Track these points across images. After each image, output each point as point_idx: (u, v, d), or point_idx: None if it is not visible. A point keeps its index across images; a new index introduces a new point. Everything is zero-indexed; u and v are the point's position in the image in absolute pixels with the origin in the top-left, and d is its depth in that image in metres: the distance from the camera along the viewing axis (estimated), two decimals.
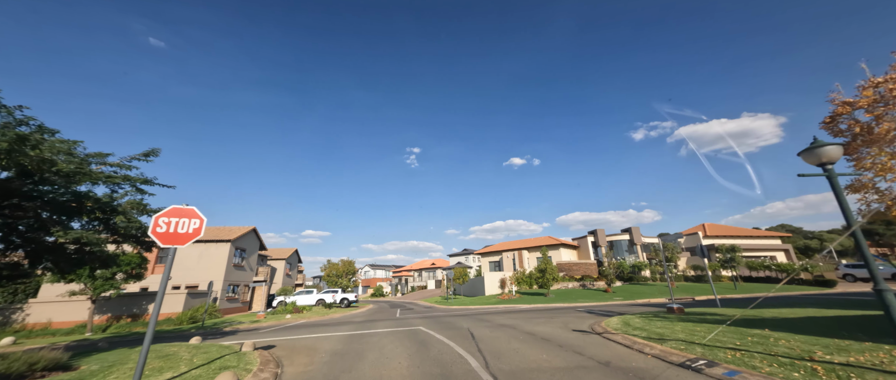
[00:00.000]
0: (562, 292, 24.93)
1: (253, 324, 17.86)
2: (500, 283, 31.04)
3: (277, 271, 40.62)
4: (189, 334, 15.26)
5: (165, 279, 5.05)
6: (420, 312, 20.85)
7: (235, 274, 25.87)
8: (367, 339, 9.39)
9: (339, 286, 43.83)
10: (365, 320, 16.56)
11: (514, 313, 16.32)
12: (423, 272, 79.29)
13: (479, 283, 32.58)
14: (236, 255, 26.45)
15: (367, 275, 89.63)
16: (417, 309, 23.71)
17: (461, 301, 26.95)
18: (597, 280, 28.38)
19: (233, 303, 25.91)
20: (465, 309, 20.47)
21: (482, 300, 25.32)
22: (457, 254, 77.01)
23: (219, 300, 23.60)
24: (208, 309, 20.85)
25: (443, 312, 19.66)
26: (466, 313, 17.42)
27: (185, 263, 24.03)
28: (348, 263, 45.03)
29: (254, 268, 29.40)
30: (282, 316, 20.13)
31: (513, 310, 18.11)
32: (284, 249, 44.57)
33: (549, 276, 23.64)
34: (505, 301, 22.81)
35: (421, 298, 46.72)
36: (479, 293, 31.90)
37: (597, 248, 33.77)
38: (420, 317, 16.73)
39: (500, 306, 21.02)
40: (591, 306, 18.43)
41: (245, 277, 27.57)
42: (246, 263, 28.00)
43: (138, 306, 19.28)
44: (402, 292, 70.22)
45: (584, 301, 20.36)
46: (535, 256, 35.51)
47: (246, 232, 27.38)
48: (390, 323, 14.29)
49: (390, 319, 16.67)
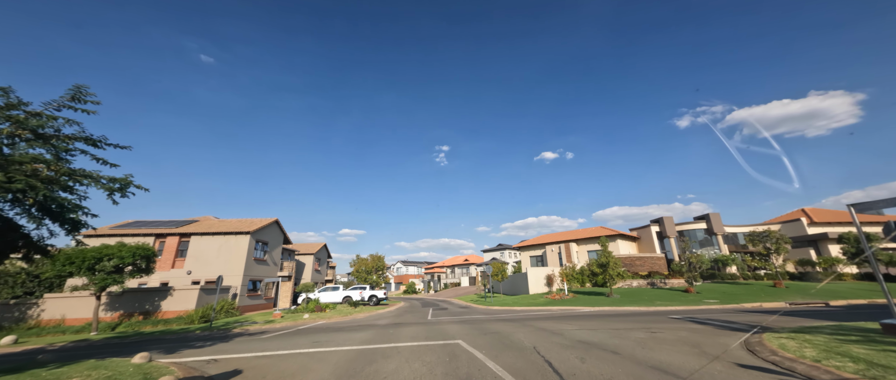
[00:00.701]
0: (627, 292, 20.68)
1: (266, 324, 15.72)
2: (547, 280, 27.14)
3: (306, 267, 39.53)
4: (192, 336, 13.27)
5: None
6: (455, 313, 17.76)
7: (256, 269, 24.36)
8: (380, 363, 6.33)
9: (368, 283, 42.06)
10: (389, 324, 13.74)
11: (579, 318, 12.66)
12: (457, 269, 76.56)
13: (520, 280, 28.90)
14: (257, 248, 24.94)
15: (400, 271, 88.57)
16: (452, 309, 20.65)
17: (502, 301, 23.52)
18: (669, 277, 23.61)
19: (255, 299, 24.43)
20: (510, 311, 17.06)
21: (527, 300, 21.72)
22: (491, 249, 73.32)
23: (238, 297, 22.07)
24: (225, 306, 19.19)
25: (483, 314, 16.39)
26: (514, 317, 14.01)
27: (204, 256, 22.79)
28: (378, 259, 43.08)
29: (278, 263, 27.95)
30: (299, 316, 17.94)
31: (574, 314, 14.41)
32: (312, 244, 43.53)
33: (611, 271, 19.51)
34: (556, 302, 19.08)
35: (454, 295, 43.80)
36: (521, 291, 28.25)
37: (663, 239, 28.69)
38: (456, 321, 13.61)
39: (554, 307, 17.35)
40: (681, 310, 14.25)
41: (267, 271, 26.08)
42: (269, 258, 26.51)
43: (151, 302, 17.97)
44: (435, 289, 67.90)
45: (663, 304, 16.14)
46: (586, 249, 31.10)
47: (267, 224, 25.84)
48: (419, 330, 11.27)
49: (420, 323, 13.70)
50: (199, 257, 22.81)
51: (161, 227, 23.96)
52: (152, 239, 22.97)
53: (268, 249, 26.33)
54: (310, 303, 22.53)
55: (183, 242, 23.30)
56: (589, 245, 31.00)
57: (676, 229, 27.88)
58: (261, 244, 25.60)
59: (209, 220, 27.01)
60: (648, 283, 23.20)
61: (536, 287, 26.71)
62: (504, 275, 29.32)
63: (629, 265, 26.35)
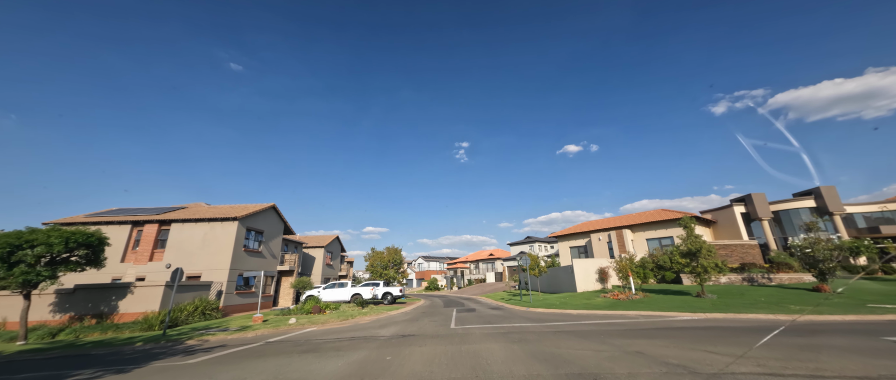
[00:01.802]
0: (721, 291, 15.45)
1: (237, 332, 12.02)
2: (599, 274, 22.16)
3: (316, 261, 36.42)
4: (128, 350, 9.70)
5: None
6: (488, 317, 13.37)
7: (248, 261, 21.01)
8: None
9: (385, 278, 38.49)
10: (396, 336, 9.58)
11: (698, 335, 7.95)
12: (481, 264, 72.19)
13: (563, 274, 24.05)
14: (249, 238, 21.58)
15: (421, 267, 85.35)
16: (482, 311, 16.28)
17: (543, 300, 18.87)
18: (772, 271, 18.00)
19: (247, 297, 21.12)
20: (564, 315, 12.46)
21: (578, 301, 16.99)
22: (518, 242, 68.16)
23: (223, 295, 18.73)
24: (201, 307, 15.78)
25: (527, 319, 11.88)
26: (578, 327, 9.44)
27: (187, 247, 19.64)
28: (394, 252, 39.31)
29: (277, 255, 24.63)
30: (285, 320, 14.16)
31: (675, 325, 9.66)
32: (323, 236, 40.40)
33: (705, 262, 14.27)
34: (623, 304, 14.28)
35: (480, 292, 39.40)
36: (564, 288, 23.42)
37: (751, 222, 22.86)
38: (493, 332, 9.23)
39: (627, 312, 12.58)
40: (864, 323, 9.15)
41: (263, 265, 22.75)
42: (265, 249, 23.17)
43: (107, 301, 14.82)
44: (458, 285, 63.88)
45: (806, 311, 10.94)
46: (644, 237, 25.70)
47: (260, 210, 22.44)
48: (437, 351, 7.06)
49: (440, 336, 9.45)
50: (181, 248, 19.67)
51: (140, 214, 21.06)
52: (129, 227, 20.07)
53: (263, 240, 22.97)
54: (307, 302, 18.86)
55: (163, 230, 20.26)
56: (648, 232, 25.59)
57: (771, 209, 21.95)
58: (254, 233, 22.23)
59: (199, 207, 24.00)
60: (744, 278, 17.75)
61: (585, 283, 21.80)
62: (541, 269, 24.60)
63: None
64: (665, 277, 21.35)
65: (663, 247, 24.02)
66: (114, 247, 19.47)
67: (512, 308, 17.75)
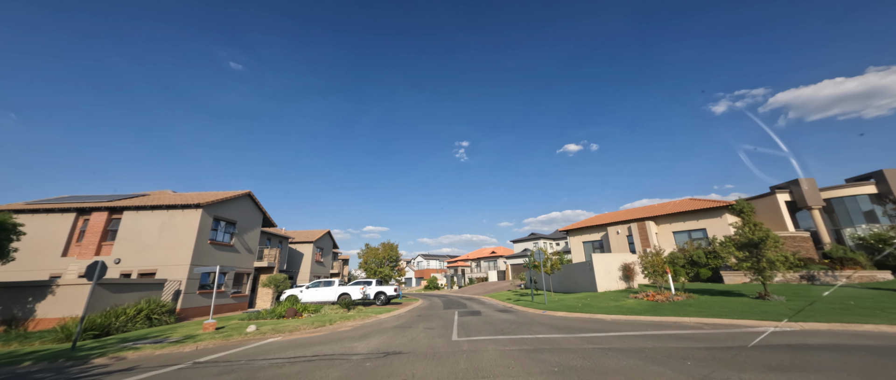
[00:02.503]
0: (786, 292, 12.59)
1: (175, 344, 9.24)
2: (623, 271, 19.37)
3: (303, 258, 33.62)
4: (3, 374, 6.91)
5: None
6: (498, 323, 10.56)
7: (215, 256, 18.17)
8: None
9: (382, 276, 35.70)
10: (376, 351, 6.77)
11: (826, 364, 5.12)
12: (483, 262, 69.48)
13: (580, 272, 21.27)
14: (218, 229, 18.74)
15: (420, 266, 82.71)
16: (489, 315, 13.45)
17: (561, 302, 16.07)
18: (838, 268, 15.15)
19: (217, 298, 18.30)
20: (599, 323, 9.67)
21: (602, 302, 14.22)
22: (522, 239, 65.43)
23: (182, 295, 15.90)
24: (146, 310, 12.93)
25: (555, 328, 9.08)
26: (646, 344, 6.69)
27: (141, 238, 16.81)
28: (390, 248, 36.51)
29: (253, 249, 21.80)
30: (242, 329, 11.33)
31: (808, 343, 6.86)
32: (312, 231, 37.55)
33: (772, 255, 11.30)
34: (662, 307, 11.53)
35: (483, 292, 36.65)
36: (581, 287, 20.64)
37: (796, 212, 20.02)
38: (514, 349, 6.48)
39: (682, 318, 9.83)
40: None
41: (235, 260, 19.92)
42: (238, 243, 20.34)
43: (21, 304, 12.00)
44: (459, 284, 61.09)
45: None
46: (671, 230, 22.86)
47: (231, 197, 19.58)
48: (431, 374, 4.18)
49: (436, 354, 6.72)
50: (134, 240, 16.84)
51: (89, 200, 18.20)
52: (73, 216, 17.22)
53: (235, 232, 20.12)
54: (282, 304, 16.05)
55: (113, 219, 17.42)
56: (675, 223, 22.75)
57: (823, 196, 19.09)
58: (224, 224, 19.38)
59: (163, 194, 21.14)
60: (803, 276, 14.93)
61: (607, 282, 19.00)
62: (556, 265, 21.80)
63: None
64: (699, 274, 18.57)
65: (694, 240, 21.21)
66: (55, 239, 16.66)
67: (524, 311, 14.95)
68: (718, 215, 20.64)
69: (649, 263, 17.15)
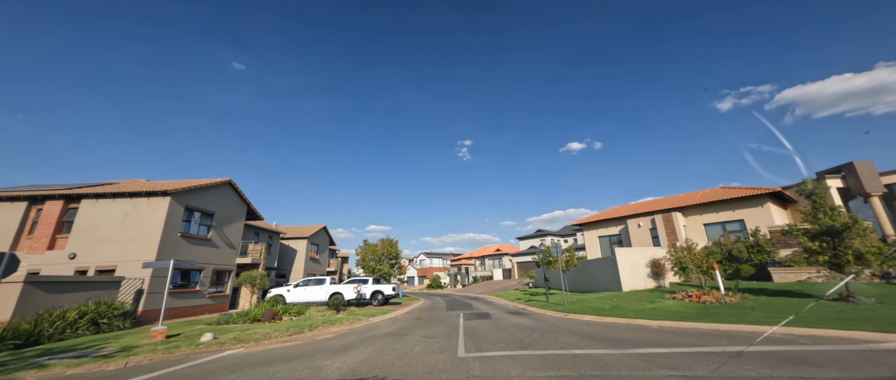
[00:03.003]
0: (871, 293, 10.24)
1: (99, 361, 7.18)
2: (651, 268, 17.11)
3: (297, 255, 31.61)
4: None
5: None
6: (514, 330, 8.36)
7: (187, 251, 16.12)
8: None
9: (381, 274, 33.63)
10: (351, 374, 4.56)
11: None
12: (487, 260, 67.36)
13: (599, 269, 19.04)
14: (192, 220, 16.68)
15: (423, 264, 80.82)
16: (501, 318, 11.24)
17: (580, 302, 13.84)
18: None
19: (189, 299, 16.28)
20: (649, 332, 7.50)
21: (633, 303, 12.04)
22: (528, 236, 63.07)
23: (145, 294, 13.86)
24: (90, 313, 10.87)
25: (591, 339, 6.91)
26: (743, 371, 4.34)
27: (100, 230, 14.79)
28: (389, 244, 34.38)
29: (235, 244, 19.75)
30: (196, 339, 9.20)
31: None
32: (306, 227, 35.51)
33: (863, 246, 8.77)
34: (714, 311, 9.40)
35: (488, 291, 34.48)
36: (600, 286, 18.41)
37: (851, 199, 17.60)
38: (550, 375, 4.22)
39: (751, 326, 7.65)
40: None
41: (212, 256, 17.87)
42: (216, 236, 18.28)
43: None
44: (463, 283, 58.94)
45: None
46: (702, 222, 20.50)
47: (207, 185, 17.50)
48: None
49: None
50: (93, 232, 14.82)
51: (44, 188, 16.19)
52: (25, 205, 15.22)
53: (213, 224, 18.06)
54: (260, 306, 13.96)
55: (70, 209, 15.40)
56: (706, 215, 20.38)
57: (883, 181, 16.68)
58: (200, 215, 17.32)
59: (134, 182, 19.11)
60: (873, 273, 12.58)
61: (633, 280, 16.74)
62: (572, 262, 19.55)
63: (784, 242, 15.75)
64: (740, 271, 16.24)
65: (730, 233, 18.86)
66: (2, 231, 14.66)
67: (541, 314, 12.74)
68: (759, 204, 18.24)
69: (681, 258, 14.88)
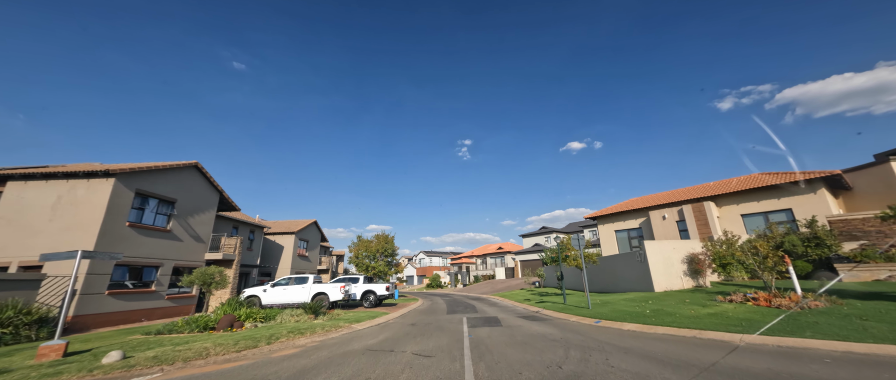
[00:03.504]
0: None
1: None
2: (689, 264, 14.60)
3: (283, 251, 29.12)
4: None
5: None
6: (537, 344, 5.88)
7: (138, 244, 13.64)
8: None
9: (376, 272, 31.18)
10: None
11: None
12: (488, 258, 64.99)
13: (623, 266, 16.59)
14: (142, 207, 14.16)
15: (422, 263, 78.56)
16: (516, 326, 8.74)
17: (606, 305, 11.37)
18: None
19: (141, 300, 13.78)
20: (726, 349, 4.98)
21: (676, 306, 9.69)
22: (532, 234, 60.51)
23: (77, 296, 11.36)
24: (26, 314, 8.36)
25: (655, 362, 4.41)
26: None
27: (27, 218, 12.32)
28: (384, 239, 31.90)
29: (205, 238, 17.26)
30: (92, 361, 6.71)
31: None
32: (294, 221, 32.97)
33: None
34: (802, 319, 6.95)
35: (491, 290, 32.02)
36: (624, 286, 15.98)
37: None
38: None
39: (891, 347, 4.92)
40: None
41: (175, 251, 15.38)
42: (180, 228, 15.79)
43: None
44: (463, 282, 56.52)
45: None
46: (739, 212, 17.99)
47: (165, 168, 14.98)
48: None
49: None
50: (17, 221, 12.33)
51: None
52: None
53: (174, 213, 15.56)
54: (222, 308, 11.47)
55: None
56: (745, 204, 17.88)
57: None
58: (156, 202, 14.81)
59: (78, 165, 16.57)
60: None
61: (667, 278, 14.25)
62: (591, 258, 17.08)
63: (875, 236, 13.26)
64: (795, 268, 13.74)
65: (775, 224, 16.36)
66: None
67: (564, 320, 10.26)
68: (811, 191, 15.73)
69: (720, 253, 12.44)
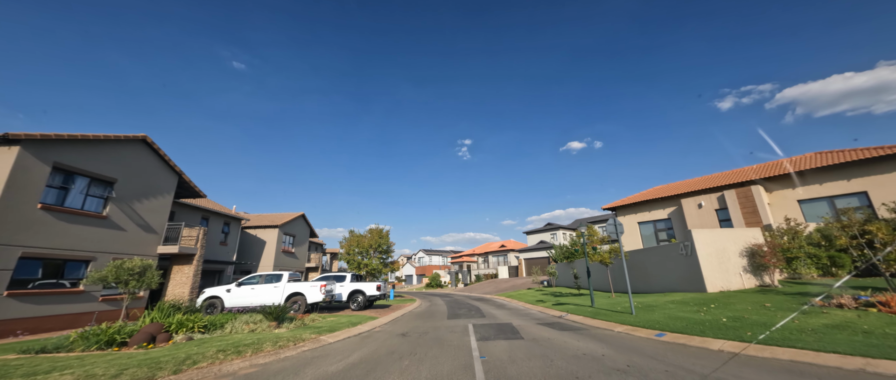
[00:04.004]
0: None
1: None
2: (748, 258, 11.75)
3: (265, 247, 26.34)
4: None
5: None
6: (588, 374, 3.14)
7: (59, 230, 10.90)
8: None
9: (370, 270, 28.46)
10: None
11: None
12: (491, 257, 62.27)
13: (660, 259, 13.82)
14: (61, 185, 11.38)
15: (422, 262, 76.00)
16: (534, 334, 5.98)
17: (647, 307, 8.55)
18: None
19: (66, 303, 11.04)
20: None
21: (757, 314, 6.98)
22: (537, 230, 57.62)
23: None
24: None
25: None
26: None
27: None
28: (378, 234, 29.13)
29: (158, 229, 14.52)
30: None
31: None
32: (279, 215, 30.15)
33: None
34: None
35: (495, 290, 29.24)
36: (659, 285, 13.22)
37: None
38: None
39: None
40: None
41: (114, 243, 12.63)
42: (121, 215, 13.03)
43: None
44: (465, 281, 53.75)
45: None
46: (795, 198, 15.13)
47: (102, 139, 12.22)
48: None
49: None
50: None
51: None
52: None
53: (113, 196, 12.78)
54: (142, 319, 8.70)
55: None
56: (803, 187, 14.99)
57: None
58: (86, 182, 12.03)
59: None
60: None
61: (722, 275, 11.42)
62: (615, 251, 14.29)
63: None
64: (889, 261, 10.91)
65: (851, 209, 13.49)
66: None
67: (604, 329, 7.45)
68: (884, 168, 12.87)
69: (785, 245, 9.61)
